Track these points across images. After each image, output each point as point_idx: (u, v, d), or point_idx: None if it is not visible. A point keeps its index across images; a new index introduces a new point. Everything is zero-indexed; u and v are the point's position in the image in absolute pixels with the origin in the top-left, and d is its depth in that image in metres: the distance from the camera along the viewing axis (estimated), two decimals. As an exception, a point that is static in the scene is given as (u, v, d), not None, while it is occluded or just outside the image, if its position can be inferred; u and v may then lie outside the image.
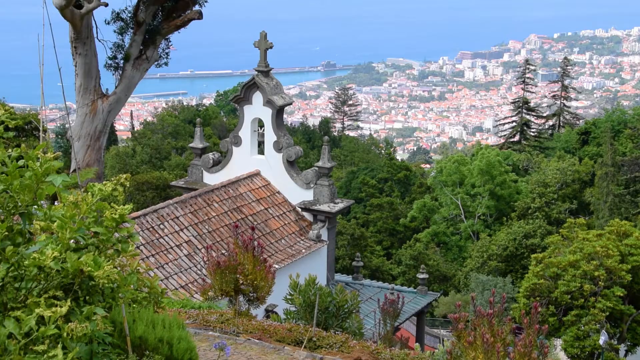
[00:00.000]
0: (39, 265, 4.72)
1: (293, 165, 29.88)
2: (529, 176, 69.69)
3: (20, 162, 5.24)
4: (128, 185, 5.87)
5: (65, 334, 4.46)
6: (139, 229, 23.69)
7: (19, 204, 5.11)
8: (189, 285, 23.41)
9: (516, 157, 76.70)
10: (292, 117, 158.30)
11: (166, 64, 21.80)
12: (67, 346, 4.48)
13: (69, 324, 4.51)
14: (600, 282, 28.63)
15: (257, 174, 29.73)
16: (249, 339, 12.04)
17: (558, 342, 29.96)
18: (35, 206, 5.22)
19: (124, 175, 5.88)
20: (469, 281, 52.54)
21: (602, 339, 26.36)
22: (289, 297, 13.96)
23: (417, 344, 25.50)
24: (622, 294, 28.61)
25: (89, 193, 5.50)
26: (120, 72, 20.35)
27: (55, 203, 5.52)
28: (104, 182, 5.73)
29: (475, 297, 11.28)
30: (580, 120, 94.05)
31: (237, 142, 30.31)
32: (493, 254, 54.78)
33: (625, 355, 30.58)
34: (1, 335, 4.15)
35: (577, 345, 28.08)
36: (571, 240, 32.64)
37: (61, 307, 4.40)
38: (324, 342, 12.19)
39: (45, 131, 8.14)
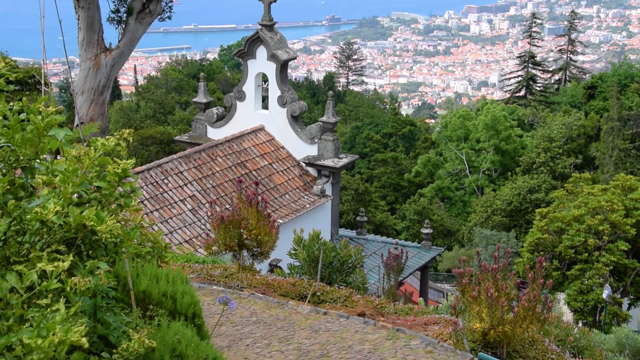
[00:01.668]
0: (41, 220, 4.70)
1: (297, 120, 29.77)
2: (534, 131, 69.46)
3: (22, 116, 5.19)
4: (131, 140, 5.83)
5: (68, 288, 4.46)
6: (143, 184, 23.71)
7: (21, 157, 5.07)
8: (193, 239, 23.49)
9: (522, 111, 76.38)
10: (297, 72, 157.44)
11: (169, 17, 21.59)
12: (70, 300, 4.48)
13: (72, 278, 4.50)
14: (604, 237, 28.68)
15: (261, 128, 29.65)
16: (253, 294, 12.09)
17: (562, 296, 30.13)
18: (38, 160, 5.18)
19: (127, 130, 5.83)
20: (472, 236, 52.69)
21: (606, 292, 26.48)
22: (292, 252, 14.00)
23: (420, 298, 25.67)
24: (626, 248, 28.68)
25: (92, 147, 5.46)
26: (124, 25, 20.17)
27: (58, 157, 5.48)
28: (107, 136, 5.69)
29: (480, 251, 11.28)
30: (587, 75, 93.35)
31: (241, 96, 30.17)
32: (497, 208, 54.85)
33: (629, 309, 30.74)
34: (3, 289, 4.15)
35: (580, 299, 28.24)
36: (576, 194, 32.65)
37: (64, 261, 4.38)
38: (327, 296, 12.24)
39: (47, 85, 8.07)
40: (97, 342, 4.98)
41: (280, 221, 23.78)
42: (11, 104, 5.37)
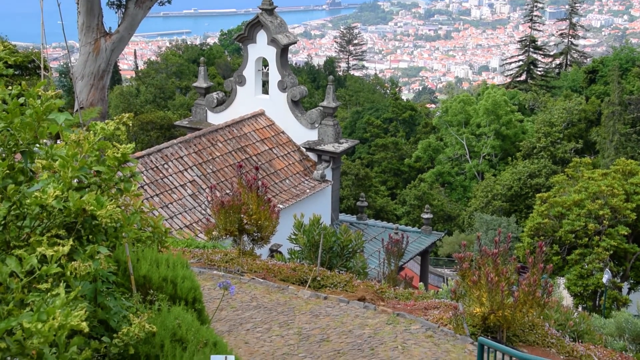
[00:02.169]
0: (41, 204, 4.69)
1: (297, 105, 29.73)
2: (535, 116, 69.33)
3: (21, 100, 5.18)
4: (131, 124, 5.81)
5: (68, 273, 4.45)
6: (143, 169, 23.70)
7: (20, 142, 5.06)
8: (194, 224, 23.50)
9: (522, 96, 76.20)
10: (297, 57, 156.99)
11: (169, 1, 21.51)
12: (70, 284, 4.48)
13: (72, 262, 4.50)
14: (604, 221, 28.70)
15: (261, 113, 29.60)
16: (254, 278, 12.11)
17: (562, 281, 30.18)
18: (37, 144, 5.17)
19: (127, 115, 5.82)
20: (473, 221, 52.71)
21: (606, 277, 26.53)
22: (293, 236, 14.02)
23: (421, 283, 25.70)
24: (626, 233, 28.72)
25: (91, 132, 5.44)
26: (123, 10, 20.10)
27: (58, 142, 5.47)
28: (106, 121, 5.67)
29: (480, 236, 11.30)
30: (588, 59, 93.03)
31: (241, 81, 30.12)
32: (497, 193, 54.84)
33: (628, 293, 30.81)
34: (3, 273, 4.14)
35: (580, 284, 28.28)
36: (576, 179, 32.65)
37: (63, 245, 4.37)
38: (328, 281, 12.26)
39: (47, 69, 8.05)
40: (98, 326, 4.99)
41: (281, 206, 23.80)
42: (10, 88, 5.35)
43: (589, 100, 67.04)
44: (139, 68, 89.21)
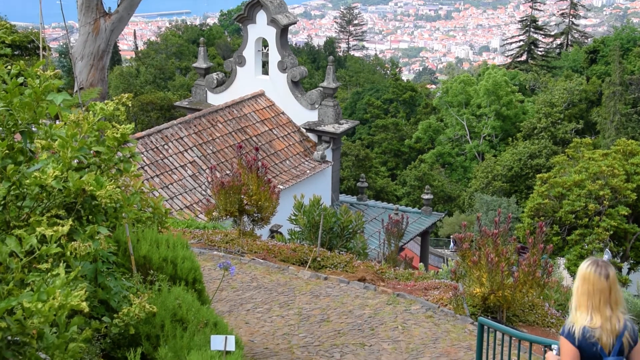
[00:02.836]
0: (40, 184, 4.68)
1: (298, 85, 29.66)
2: (535, 96, 69.17)
3: (20, 80, 5.16)
4: (130, 105, 5.80)
5: (68, 253, 4.45)
6: (143, 150, 23.67)
7: (20, 122, 5.04)
8: (194, 205, 23.51)
9: (523, 76, 75.98)
10: (297, 37, 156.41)
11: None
12: (70, 264, 4.48)
13: (72, 242, 4.49)
14: (605, 202, 28.70)
15: (261, 94, 29.53)
16: (254, 259, 12.13)
17: (562, 261, 30.23)
18: (37, 124, 5.15)
19: (126, 95, 5.80)
20: (473, 201, 52.73)
21: (606, 257, 26.54)
22: (293, 217, 14.02)
23: (421, 263, 25.74)
24: (626, 213, 28.73)
25: (91, 112, 5.43)
26: (122, -10, 20.00)
27: (57, 122, 5.45)
28: (106, 101, 5.65)
29: (480, 217, 11.29)
30: (589, 39, 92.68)
31: (241, 62, 30.02)
32: (498, 174, 54.82)
33: (628, 273, 30.87)
34: (3, 253, 4.14)
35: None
36: (577, 160, 32.61)
37: (63, 225, 4.37)
38: (328, 262, 12.28)
39: (45, 48, 8.01)
40: (98, 306, 5.00)
41: (281, 187, 23.79)
42: (9, 68, 5.33)
43: (590, 80, 66.86)
44: (139, 48, 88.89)
